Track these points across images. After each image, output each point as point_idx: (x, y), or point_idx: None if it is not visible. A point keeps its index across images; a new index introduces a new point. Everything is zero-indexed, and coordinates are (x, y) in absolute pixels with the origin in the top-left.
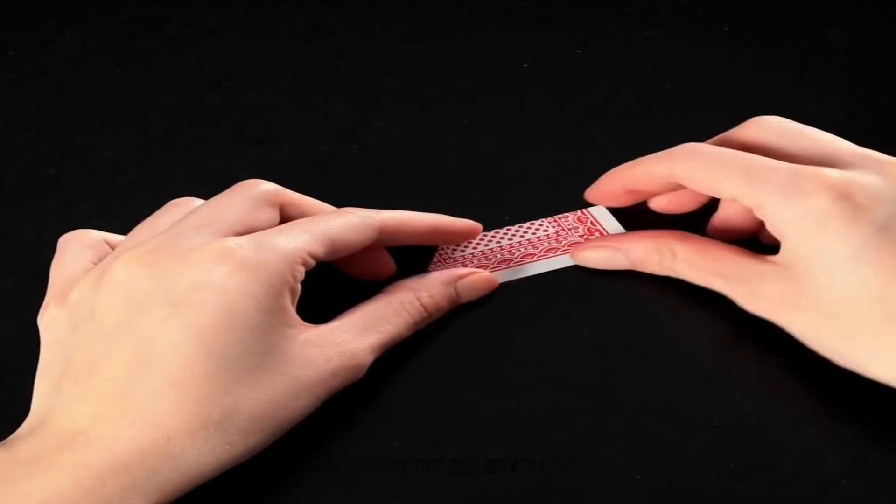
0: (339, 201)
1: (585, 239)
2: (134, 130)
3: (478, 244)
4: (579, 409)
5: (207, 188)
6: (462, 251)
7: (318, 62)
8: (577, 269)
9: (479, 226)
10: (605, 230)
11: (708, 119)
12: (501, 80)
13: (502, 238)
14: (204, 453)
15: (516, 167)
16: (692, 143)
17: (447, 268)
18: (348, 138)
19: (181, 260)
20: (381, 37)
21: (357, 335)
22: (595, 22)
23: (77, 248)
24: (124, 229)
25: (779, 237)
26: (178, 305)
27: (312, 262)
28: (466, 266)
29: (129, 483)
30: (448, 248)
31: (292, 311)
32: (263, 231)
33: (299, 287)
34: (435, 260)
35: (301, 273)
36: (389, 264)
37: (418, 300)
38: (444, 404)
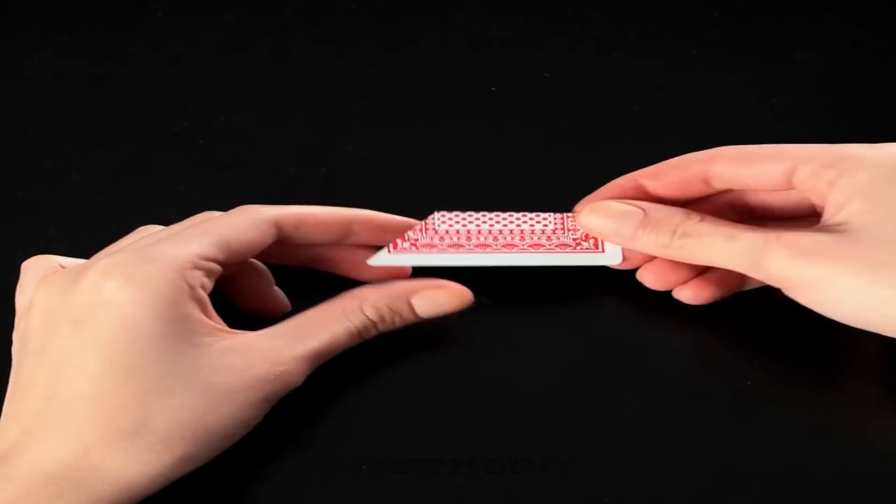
0: None
1: (577, 244)
2: (102, 154)
3: (467, 222)
4: (526, 448)
5: (176, 211)
6: (450, 225)
7: (286, 85)
8: (546, 288)
9: (409, 221)
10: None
11: (677, 141)
12: (470, 102)
13: (495, 223)
14: (126, 463)
15: (485, 190)
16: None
17: (420, 243)
18: (316, 161)
19: (77, 279)
20: (350, 59)
21: (289, 342)
22: (563, 45)
23: (33, 275)
24: (93, 252)
25: (838, 205)
26: (78, 323)
27: (213, 266)
28: (443, 241)
29: (55, 494)
30: (435, 219)
31: (201, 317)
32: (150, 241)
33: (202, 293)
34: (417, 226)
35: (198, 278)
36: (281, 303)
37: (361, 310)
38: (445, 404)
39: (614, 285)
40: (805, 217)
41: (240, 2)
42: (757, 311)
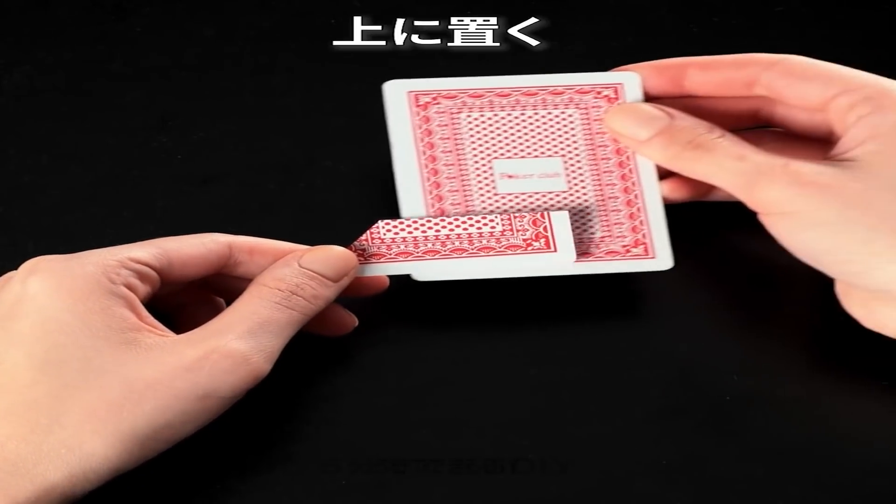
0: (285, 240)
1: (528, 244)
2: (81, 169)
3: (412, 229)
4: (526, 448)
5: (155, 226)
6: (395, 233)
7: (265, 100)
8: (526, 301)
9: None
10: (553, 238)
11: None
12: None
13: (441, 228)
14: (39, 459)
15: None
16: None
17: (367, 253)
18: (295, 176)
19: (10, 279)
20: (328, 74)
21: (217, 330)
22: (541, 60)
23: None
24: None
25: (854, 141)
26: (5, 319)
27: (144, 269)
28: (390, 250)
29: None
30: (379, 228)
31: (126, 313)
32: None
33: (126, 291)
34: (363, 237)
35: (124, 276)
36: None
37: (266, 286)
38: (444, 404)
39: (594, 299)
40: (819, 140)
41: (219, 17)
42: (737, 326)
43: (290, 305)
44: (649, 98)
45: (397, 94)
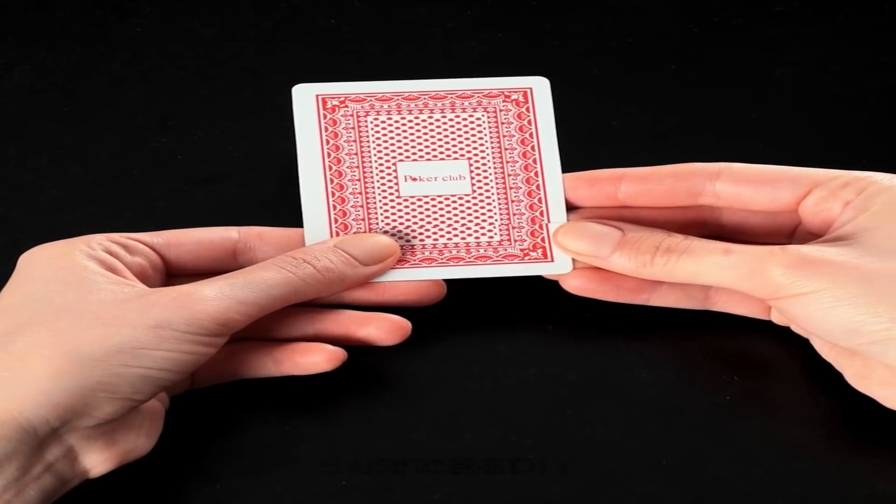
0: None
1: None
2: (81, 169)
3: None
4: (526, 448)
5: (154, 227)
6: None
7: (266, 100)
8: (526, 300)
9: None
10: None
11: (655, 158)
12: None
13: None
14: None
15: None
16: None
17: None
18: (295, 176)
19: None
20: (328, 75)
21: (207, 283)
22: (542, 60)
23: None
24: None
25: (845, 221)
26: None
27: (127, 242)
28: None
29: None
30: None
31: (101, 270)
32: None
33: (104, 255)
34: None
35: (105, 245)
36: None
37: (292, 258)
38: (444, 404)
39: (594, 299)
40: (777, 241)
41: (218, 17)
42: (737, 326)
43: (292, 270)
44: (579, 208)
45: (305, 97)
